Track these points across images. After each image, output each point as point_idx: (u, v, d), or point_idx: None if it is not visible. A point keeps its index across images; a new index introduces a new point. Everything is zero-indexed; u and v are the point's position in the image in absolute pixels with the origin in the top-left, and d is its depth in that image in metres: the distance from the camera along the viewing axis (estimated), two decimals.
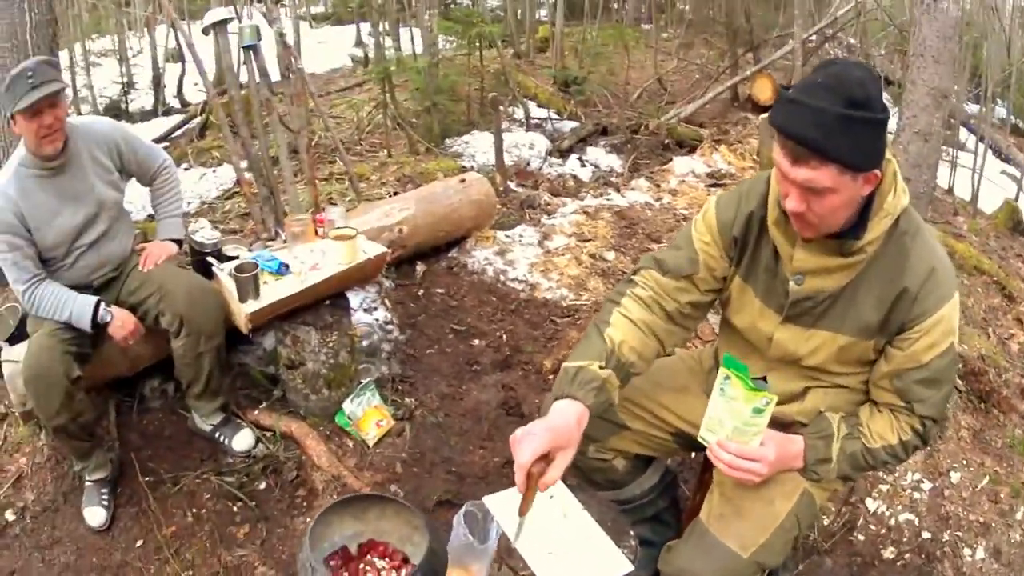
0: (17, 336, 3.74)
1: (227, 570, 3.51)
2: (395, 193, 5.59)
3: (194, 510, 3.69)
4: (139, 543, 3.59)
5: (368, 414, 3.98)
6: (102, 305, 3.48)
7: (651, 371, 2.70)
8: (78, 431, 3.50)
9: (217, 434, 3.91)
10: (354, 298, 4.46)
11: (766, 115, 5.35)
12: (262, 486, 3.82)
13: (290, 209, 4.69)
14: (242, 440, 3.88)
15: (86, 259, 3.59)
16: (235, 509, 3.73)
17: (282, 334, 3.89)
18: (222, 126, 5.09)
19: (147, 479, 3.76)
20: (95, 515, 3.63)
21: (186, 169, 6.88)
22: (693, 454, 3.77)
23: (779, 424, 2.44)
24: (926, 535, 3.96)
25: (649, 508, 3.14)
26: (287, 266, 3.83)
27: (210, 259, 3.94)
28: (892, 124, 5.87)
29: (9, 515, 3.69)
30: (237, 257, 3.91)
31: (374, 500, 2.91)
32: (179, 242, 3.98)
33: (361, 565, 2.77)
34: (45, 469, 3.86)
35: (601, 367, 2.39)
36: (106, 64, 11.26)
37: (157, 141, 7.38)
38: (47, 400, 3.35)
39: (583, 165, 7.63)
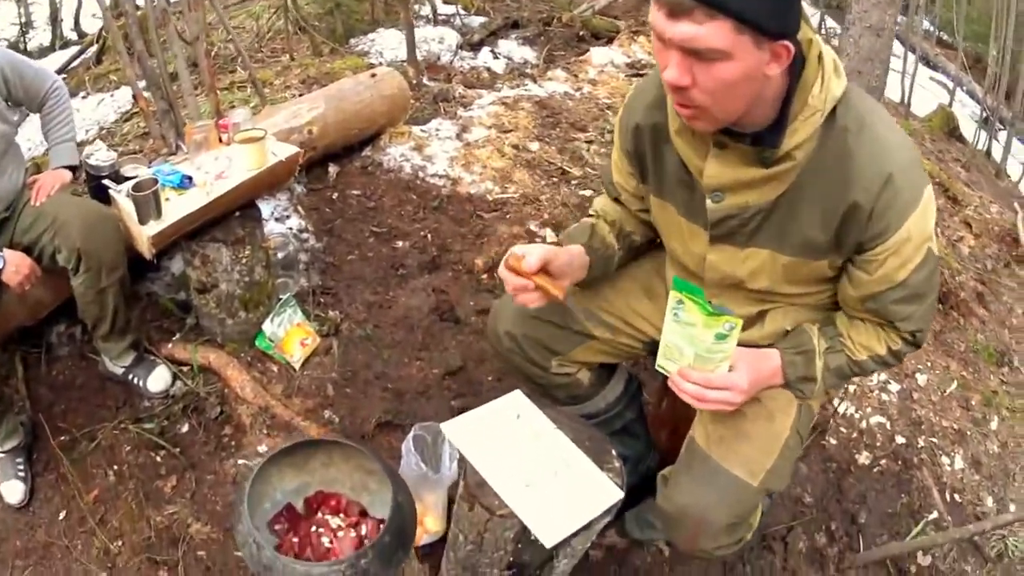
0: None
1: (159, 532, 3.05)
2: (301, 95, 5.07)
3: (115, 467, 3.23)
4: (62, 515, 3.12)
5: (291, 333, 3.52)
6: None
7: (616, 275, 2.47)
8: None
9: (130, 376, 3.43)
10: (264, 208, 3.97)
11: None
12: (184, 429, 3.36)
13: (190, 120, 4.20)
14: (158, 379, 3.42)
15: None
16: (159, 459, 3.26)
17: (190, 255, 3.39)
18: (116, 44, 4.57)
19: (62, 439, 3.29)
20: (13, 490, 3.16)
21: (83, 97, 6.26)
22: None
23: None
24: (900, 440, 3.67)
25: (616, 421, 2.80)
26: (190, 178, 3.32)
27: (106, 182, 3.39)
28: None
29: None
30: (136, 177, 3.41)
31: (318, 446, 2.41)
32: (74, 170, 3.45)
33: (313, 527, 2.29)
34: None
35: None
36: (3, 7, 10.57)
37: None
38: None
39: (496, 58, 7.11)
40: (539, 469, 2.13)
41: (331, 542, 2.25)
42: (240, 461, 3.23)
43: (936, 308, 2.22)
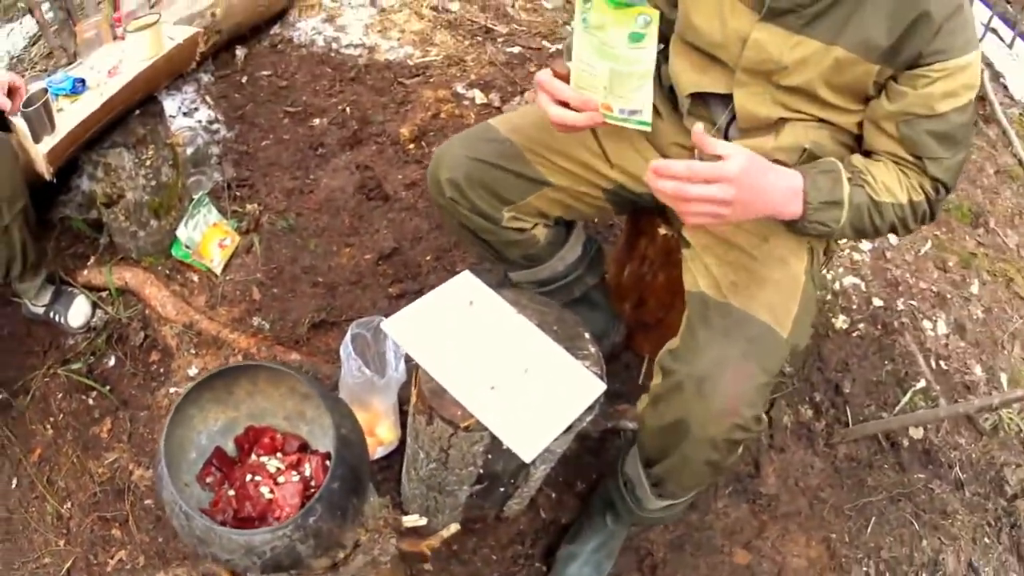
0: None
1: (103, 485, 2.62)
2: None
3: (51, 419, 2.75)
4: (13, 483, 2.69)
5: (208, 236, 2.95)
6: None
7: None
8: None
9: (51, 314, 2.90)
10: (170, 104, 3.34)
11: None
12: (111, 362, 2.85)
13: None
14: (77, 312, 2.88)
15: None
16: (91, 402, 2.78)
17: (92, 166, 2.78)
18: None
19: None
20: None
21: None
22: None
23: None
24: (877, 302, 3.20)
25: (576, 286, 2.33)
26: (83, 82, 2.67)
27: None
28: None
29: None
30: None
31: (239, 373, 1.85)
32: None
33: (248, 476, 1.77)
34: None
35: None
36: None
37: None
38: None
39: None
40: (505, 366, 1.70)
41: (272, 491, 1.75)
42: (172, 390, 2.75)
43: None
